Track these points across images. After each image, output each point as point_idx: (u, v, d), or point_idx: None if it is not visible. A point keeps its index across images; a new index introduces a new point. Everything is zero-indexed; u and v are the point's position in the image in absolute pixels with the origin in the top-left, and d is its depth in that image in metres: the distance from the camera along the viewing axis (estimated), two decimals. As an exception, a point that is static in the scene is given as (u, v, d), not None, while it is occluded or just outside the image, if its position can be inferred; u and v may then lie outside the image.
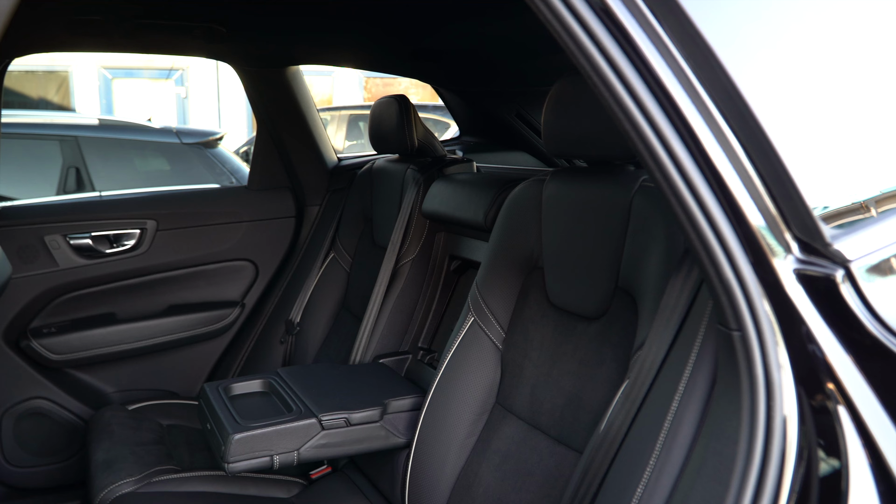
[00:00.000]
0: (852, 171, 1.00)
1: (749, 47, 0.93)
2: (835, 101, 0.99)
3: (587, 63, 0.92)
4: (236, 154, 6.40)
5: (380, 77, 15.14)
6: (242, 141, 9.91)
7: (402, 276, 2.11)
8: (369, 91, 15.57)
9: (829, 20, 1.01)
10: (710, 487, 0.95)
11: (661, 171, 0.92)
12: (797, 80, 0.96)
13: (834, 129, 0.99)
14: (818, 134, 0.97)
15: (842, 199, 0.97)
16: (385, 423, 1.71)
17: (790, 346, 0.93)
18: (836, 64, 1.01)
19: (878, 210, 1.00)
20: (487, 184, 1.88)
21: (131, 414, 2.20)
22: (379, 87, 15.52)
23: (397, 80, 14.89)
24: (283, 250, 2.74)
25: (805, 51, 0.98)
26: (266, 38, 2.25)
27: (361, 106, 10.18)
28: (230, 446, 1.54)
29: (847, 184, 0.99)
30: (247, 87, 2.59)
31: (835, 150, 0.99)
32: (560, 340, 1.47)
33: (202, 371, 2.69)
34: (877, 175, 1.02)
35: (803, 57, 0.98)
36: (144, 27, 2.02)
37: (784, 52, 0.96)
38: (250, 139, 9.24)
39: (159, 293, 2.57)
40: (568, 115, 1.42)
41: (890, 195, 1.02)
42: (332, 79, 14.67)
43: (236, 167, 5.35)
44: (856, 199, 0.99)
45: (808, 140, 0.95)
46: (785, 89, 0.95)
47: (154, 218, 2.51)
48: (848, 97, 1.01)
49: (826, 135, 0.98)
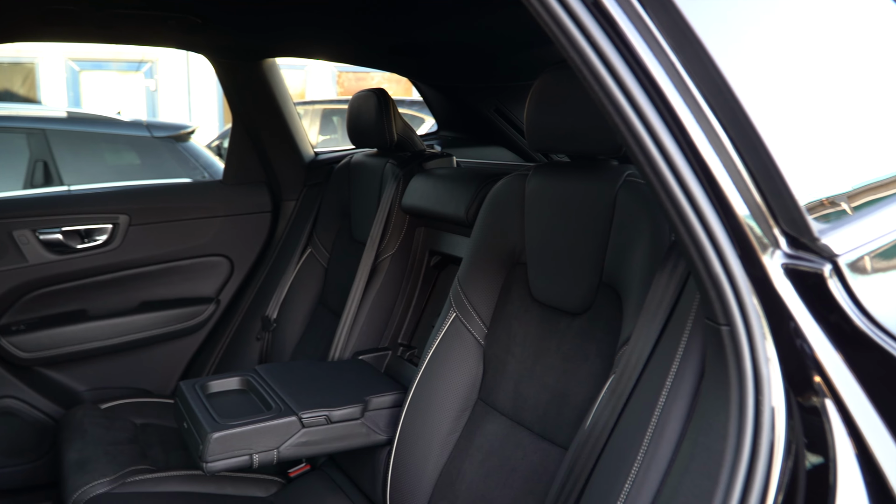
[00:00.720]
0: (839, 163, 1.01)
1: (739, 42, 0.93)
2: (822, 95, 1.00)
3: (577, 56, 0.91)
4: (208, 148, 6.31)
5: (352, 71, 15.06)
6: (214, 135, 9.79)
7: (381, 272, 2.09)
8: (342, 85, 15.47)
9: (818, 15, 1.01)
10: (699, 482, 0.95)
11: (651, 164, 0.91)
12: (786, 76, 0.96)
13: (821, 122, 0.99)
14: (806, 128, 0.97)
15: (828, 192, 0.98)
16: (366, 421, 1.69)
17: (778, 340, 0.93)
18: (824, 58, 1.01)
19: (863, 200, 1.01)
20: (468, 178, 1.87)
21: (104, 413, 2.15)
22: (352, 82, 15.43)
23: (370, 75, 14.82)
24: (258, 246, 2.71)
25: (793, 46, 0.99)
26: (243, 29, 2.22)
27: (335, 100, 10.11)
28: (208, 445, 1.51)
29: (833, 176, 0.99)
30: (222, 80, 2.55)
31: (822, 144, 0.99)
32: (543, 336, 1.46)
33: (176, 369, 2.64)
34: (862, 166, 1.03)
35: (791, 52, 0.98)
36: (119, 17, 1.97)
37: (773, 47, 0.96)
38: (222, 133, 9.13)
39: (132, 289, 2.52)
40: (551, 109, 1.41)
41: (875, 186, 1.02)
42: (305, 73, 14.55)
43: (208, 161, 5.27)
44: (842, 191, 0.99)
45: (796, 134, 0.95)
46: (774, 85, 0.95)
47: (126, 213, 2.46)
48: (835, 90, 1.01)
49: (813, 128, 0.98)
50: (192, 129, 5.43)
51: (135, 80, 13.45)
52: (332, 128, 9.02)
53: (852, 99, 1.03)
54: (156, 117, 12.85)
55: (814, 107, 0.99)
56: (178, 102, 13.89)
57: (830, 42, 1.02)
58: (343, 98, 10.49)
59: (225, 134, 8.90)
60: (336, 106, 9.24)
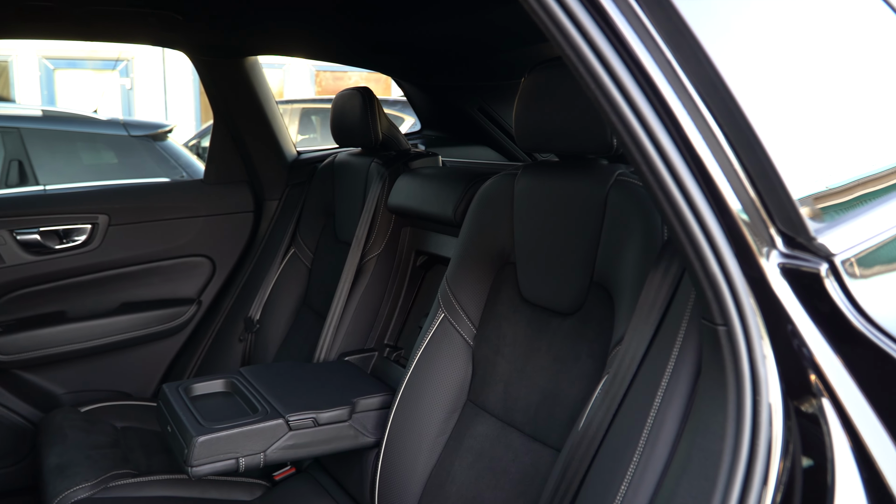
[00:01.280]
0: (833, 160, 1.01)
1: (735, 38, 0.92)
2: (817, 92, 1.00)
3: (572, 52, 0.90)
4: (185, 147, 6.24)
5: (330, 70, 14.98)
6: (191, 134, 9.69)
7: (367, 272, 2.07)
8: (320, 84, 15.38)
9: (811, 11, 1.01)
10: (696, 483, 0.94)
11: (647, 162, 0.90)
12: (781, 74, 0.96)
13: (815, 119, 0.99)
14: (801, 125, 0.97)
15: (823, 189, 0.98)
16: (354, 423, 1.67)
17: (774, 340, 0.92)
18: (818, 54, 1.01)
19: (859, 193, 1.01)
20: (456, 178, 1.86)
21: (84, 416, 2.12)
22: (330, 81, 15.35)
23: (347, 74, 14.75)
24: (240, 246, 2.67)
25: (787, 44, 0.98)
26: (224, 27, 2.18)
27: (314, 99, 10.05)
28: (194, 449, 1.49)
29: (829, 173, 0.99)
30: (203, 78, 2.51)
31: (816, 141, 0.99)
32: (534, 336, 1.46)
33: (157, 371, 2.60)
34: (857, 162, 1.03)
35: (786, 50, 0.98)
36: (99, 14, 1.93)
37: (768, 45, 0.96)
38: (199, 132, 9.04)
39: (112, 290, 2.48)
40: (541, 108, 1.40)
41: (870, 179, 1.03)
42: (284, 72, 14.45)
43: (187, 161, 5.21)
44: (836, 186, 0.99)
45: (791, 131, 0.95)
46: (770, 82, 0.94)
47: (106, 212, 2.41)
48: (829, 87, 1.01)
49: (808, 125, 0.98)
50: (169, 128, 5.37)
51: (110, 78, 13.28)
52: (311, 127, 8.96)
53: (846, 95, 1.03)
54: (132, 116, 12.70)
55: (808, 104, 0.99)
56: (154, 101, 13.73)
57: (824, 39, 1.03)
58: (322, 97, 10.43)
59: (202, 133, 8.82)
60: (315, 105, 9.18)
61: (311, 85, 15.08)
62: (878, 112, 1.06)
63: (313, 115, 9.05)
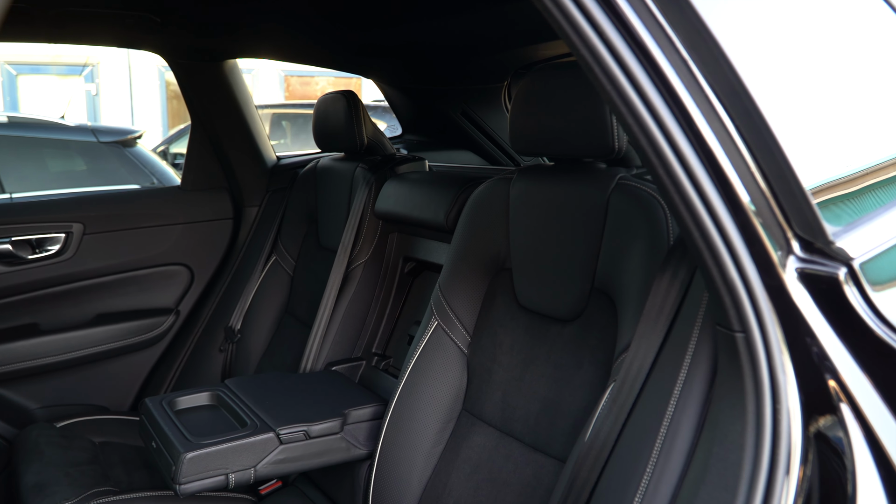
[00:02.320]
0: (847, 161, 0.99)
1: (755, 40, 0.91)
2: (829, 93, 0.98)
3: (588, 53, 0.87)
4: (154, 153, 6.12)
5: (297, 75, 14.87)
6: (159, 140, 9.53)
7: (353, 280, 2.03)
8: (288, 89, 15.26)
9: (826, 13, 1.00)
10: (716, 494, 0.92)
11: (664, 165, 0.88)
12: (799, 77, 0.95)
13: (829, 120, 0.98)
14: (817, 128, 0.95)
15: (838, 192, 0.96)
16: (345, 435, 1.63)
17: (793, 347, 0.91)
18: (835, 57, 1.00)
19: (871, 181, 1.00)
20: (447, 183, 1.83)
21: (60, 432, 2.04)
22: (297, 86, 15.24)
23: (314, 79, 14.66)
24: (220, 254, 2.61)
25: (805, 47, 0.97)
26: (203, 29, 2.13)
27: (284, 104, 9.96)
28: (182, 466, 1.43)
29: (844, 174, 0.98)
30: (181, 82, 2.45)
31: (831, 142, 0.98)
32: (532, 344, 1.43)
33: (134, 384, 2.53)
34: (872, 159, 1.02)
35: (803, 53, 0.97)
36: (73, 16, 1.87)
37: (787, 47, 0.95)
38: (167, 138, 8.90)
39: (87, 301, 2.40)
40: (537, 111, 1.38)
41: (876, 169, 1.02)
42: (253, 77, 14.30)
43: (158, 167, 5.11)
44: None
45: (808, 134, 0.93)
46: (786, 84, 0.93)
47: (80, 221, 2.34)
48: (841, 88, 1.00)
49: (823, 127, 0.97)
50: (139, 134, 5.27)
51: (75, 84, 13.02)
52: (281, 132, 8.88)
53: (858, 94, 1.02)
54: (98, 122, 12.46)
55: (822, 104, 0.97)
56: (120, 107, 13.49)
57: (837, 39, 1.01)
58: (293, 102, 10.33)
59: (170, 139, 8.68)
60: (286, 110, 9.10)
61: (281, 90, 14.95)
62: (891, 112, 1.05)
63: (284, 120, 8.98)
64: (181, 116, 13.40)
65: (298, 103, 10.01)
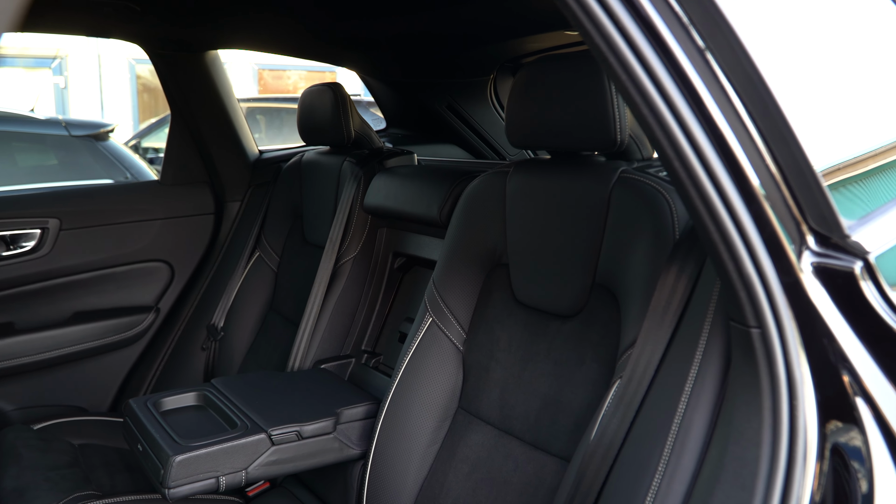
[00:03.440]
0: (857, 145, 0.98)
1: (772, 30, 0.89)
2: (843, 85, 0.97)
3: (603, 42, 0.84)
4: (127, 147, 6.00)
5: (270, 69, 14.71)
6: (130, 134, 9.37)
7: (342, 276, 1.99)
8: (261, 83, 15.08)
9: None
10: (732, 493, 0.90)
11: (681, 158, 0.86)
12: (816, 68, 0.93)
13: (844, 109, 0.96)
14: (832, 117, 0.94)
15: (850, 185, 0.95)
16: (338, 434, 1.59)
17: (808, 342, 0.89)
18: (853, 50, 0.98)
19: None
20: (439, 177, 1.79)
21: (38, 434, 1.97)
22: (269, 80, 15.08)
23: (286, 73, 14.49)
24: (201, 250, 2.55)
25: (824, 38, 0.95)
26: (184, 19, 2.07)
27: (259, 98, 9.84)
28: (171, 469, 1.39)
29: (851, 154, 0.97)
30: (161, 74, 2.38)
31: (844, 129, 0.96)
32: (531, 340, 1.40)
33: (113, 384, 2.47)
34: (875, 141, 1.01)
35: (821, 44, 0.95)
36: (49, 4, 1.80)
37: (804, 40, 0.93)
38: (139, 132, 8.75)
39: (64, 299, 2.33)
40: (535, 104, 1.35)
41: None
42: (225, 70, 14.10)
43: (132, 162, 5.01)
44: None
45: (823, 126, 0.92)
46: (802, 74, 0.91)
47: (57, 216, 2.27)
48: (853, 80, 0.99)
49: (837, 116, 0.95)
50: (111, 128, 5.15)
51: (43, 76, 12.74)
52: (256, 126, 8.77)
53: (875, 85, 1.01)
54: (67, 115, 12.20)
55: (836, 96, 0.96)
56: (89, 100, 13.23)
57: (862, 35, 1.00)
58: (268, 96, 10.20)
59: (142, 133, 8.53)
60: (261, 104, 8.98)
61: (255, 83, 14.78)
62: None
63: (258, 114, 8.86)
64: (152, 110, 13.19)
65: (273, 97, 9.90)
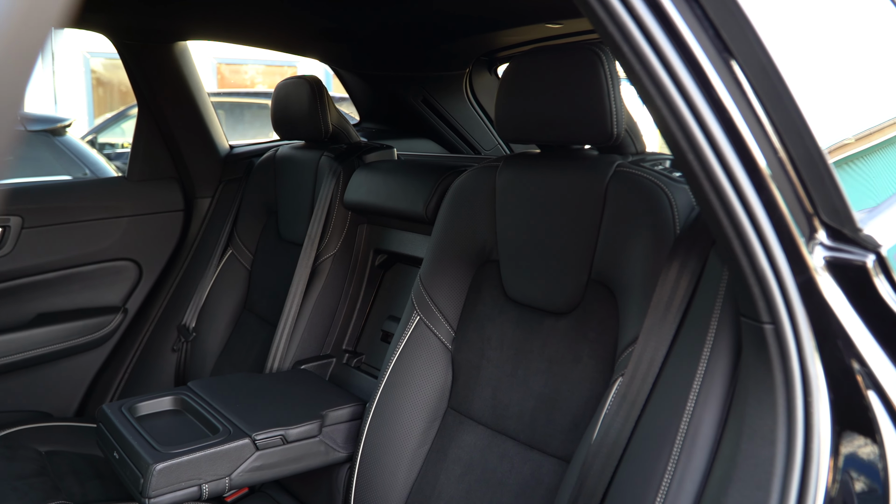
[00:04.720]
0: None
1: (789, 23, 0.87)
2: (852, 77, 0.96)
3: (617, 31, 0.81)
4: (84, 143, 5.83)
5: (227, 63, 14.46)
6: (85, 129, 9.12)
7: (321, 274, 1.94)
8: (219, 78, 14.81)
9: None
10: (747, 493, 0.88)
11: (695, 150, 0.84)
12: (829, 61, 0.92)
13: (855, 101, 0.95)
14: (843, 111, 0.93)
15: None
16: (324, 437, 1.54)
17: (821, 337, 0.88)
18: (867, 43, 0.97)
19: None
20: (424, 172, 1.75)
21: (2, 441, 1.89)
22: (227, 74, 14.82)
23: (243, 68, 14.26)
24: (170, 248, 2.47)
25: (837, 32, 0.94)
26: (152, 7, 1.99)
27: (219, 93, 9.66)
28: (151, 478, 1.33)
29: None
30: (128, 65, 2.30)
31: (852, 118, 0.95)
32: (524, 338, 1.37)
33: (79, 388, 2.37)
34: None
35: (836, 38, 0.94)
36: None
37: (817, 30, 0.91)
38: (95, 127, 8.51)
39: (26, 300, 2.23)
40: (526, 97, 1.32)
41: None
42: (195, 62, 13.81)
43: (90, 158, 4.86)
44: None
45: (836, 118, 0.90)
46: (815, 65, 0.90)
47: (19, 214, 2.17)
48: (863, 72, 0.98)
49: (848, 110, 0.94)
50: (68, 123, 5.00)
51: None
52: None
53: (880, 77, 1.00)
54: (21, 109, 11.79)
55: (851, 87, 0.95)
56: (42, 94, 12.85)
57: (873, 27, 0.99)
58: (227, 91, 10.03)
59: (98, 128, 8.30)
60: (221, 99, 8.82)
61: (214, 78, 14.51)
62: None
63: (219, 109, 8.68)
64: (107, 105, 12.87)
65: (233, 91, 9.73)
